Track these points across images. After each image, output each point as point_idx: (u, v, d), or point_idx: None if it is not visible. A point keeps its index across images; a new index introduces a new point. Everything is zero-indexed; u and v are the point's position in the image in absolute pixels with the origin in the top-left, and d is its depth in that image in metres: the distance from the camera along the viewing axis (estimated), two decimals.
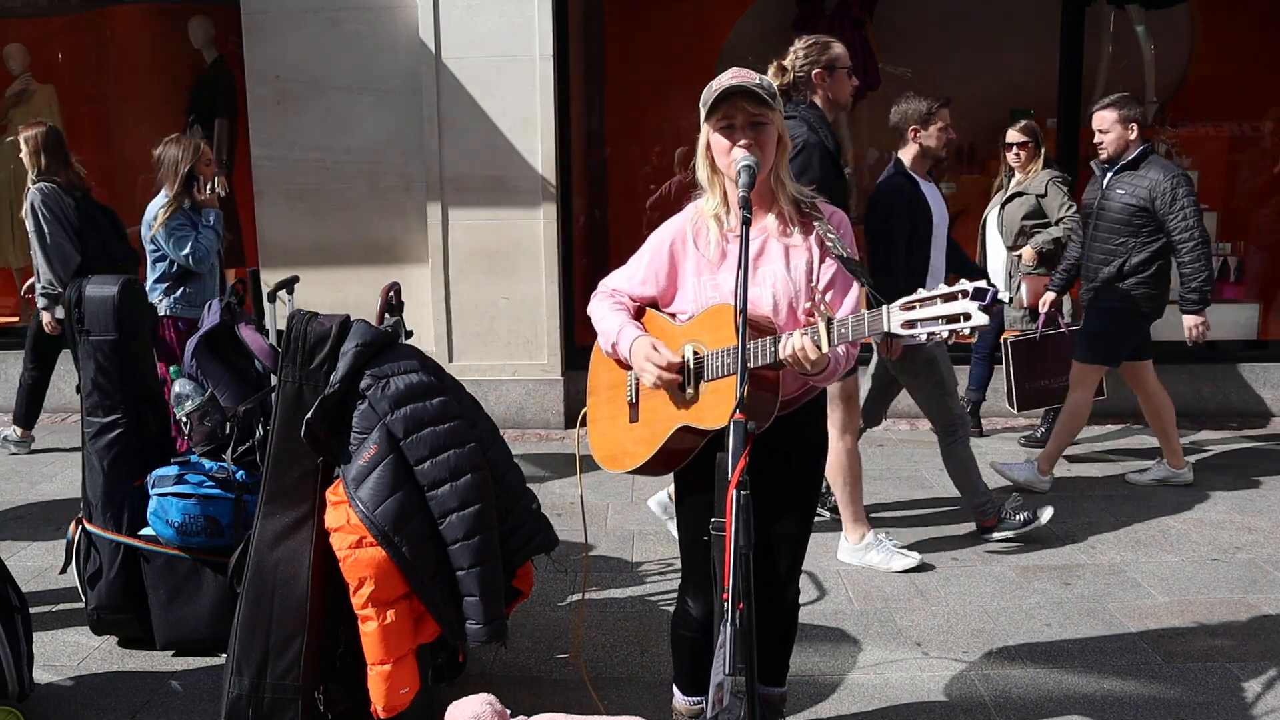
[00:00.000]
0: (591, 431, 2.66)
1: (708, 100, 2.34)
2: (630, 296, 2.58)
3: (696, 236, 2.48)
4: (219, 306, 3.49)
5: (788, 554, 2.60)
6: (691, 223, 2.50)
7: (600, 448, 2.64)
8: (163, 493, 3.29)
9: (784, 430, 2.41)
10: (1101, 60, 7.44)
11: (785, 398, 2.36)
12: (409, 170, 6.43)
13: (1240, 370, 6.53)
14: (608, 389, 2.61)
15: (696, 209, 2.51)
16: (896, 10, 7.64)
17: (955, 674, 3.34)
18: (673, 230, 2.52)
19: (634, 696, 3.20)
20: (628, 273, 2.59)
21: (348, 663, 2.93)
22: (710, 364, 2.35)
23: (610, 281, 2.63)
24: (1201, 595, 3.92)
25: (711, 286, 2.44)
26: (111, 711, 3.15)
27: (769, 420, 2.32)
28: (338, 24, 6.34)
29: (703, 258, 2.46)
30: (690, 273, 2.48)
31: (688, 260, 2.49)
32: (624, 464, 2.54)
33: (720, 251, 2.44)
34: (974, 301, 1.95)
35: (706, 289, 2.44)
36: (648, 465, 2.49)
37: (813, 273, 2.41)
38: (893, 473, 5.44)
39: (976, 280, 1.97)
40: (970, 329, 1.97)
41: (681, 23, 7.60)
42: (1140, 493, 5.06)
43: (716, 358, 2.33)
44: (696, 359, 2.39)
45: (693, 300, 2.47)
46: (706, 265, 2.45)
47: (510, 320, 6.31)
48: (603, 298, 2.60)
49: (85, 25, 7.61)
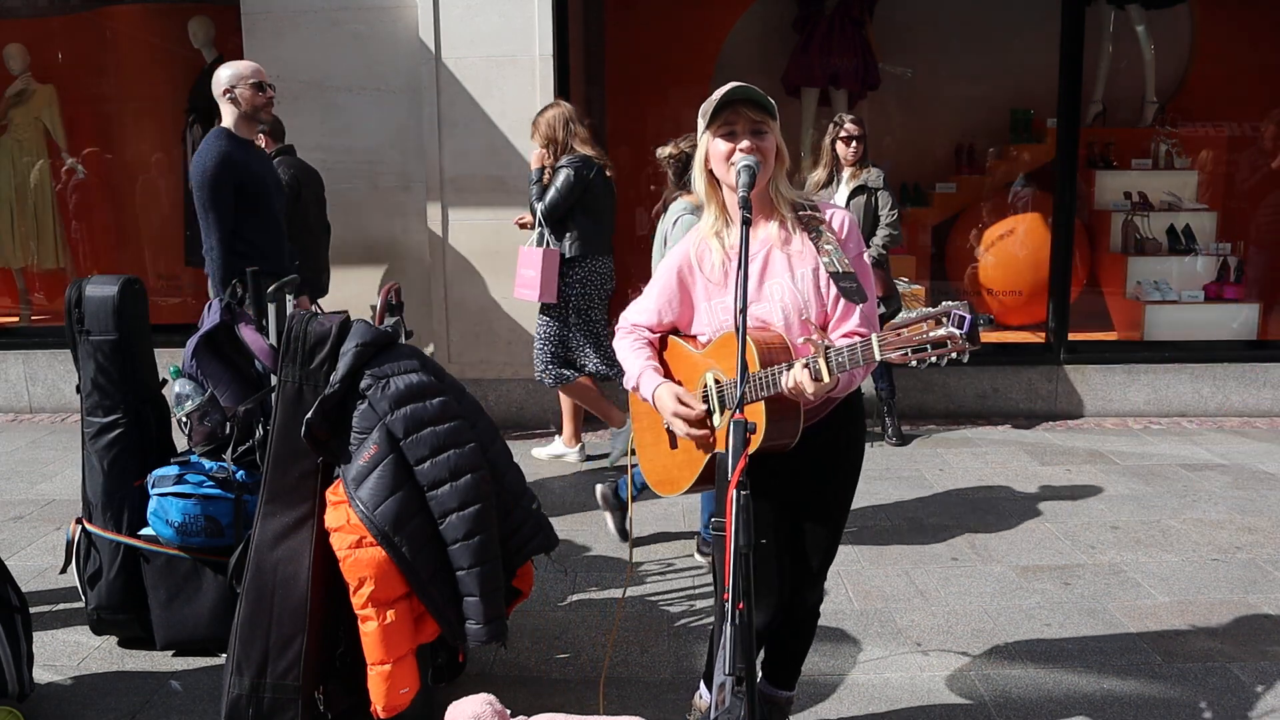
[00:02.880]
0: (641, 458, 2.74)
1: (708, 110, 2.34)
2: (650, 329, 2.60)
3: (700, 260, 2.49)
4: (219, 306, 3.49)
5: (818, 557, 2.60)
6: (695, 247, 2.50)
7: (651, 473, 2.71)
8: (163, 493, 3.29)
9: (816, 435, 2.42)
10: (1101, 60, 7.45)
11: (808, 408, 2.37)
12: (409, 170, 6.43)
13: (1240, 370, 6.53)
14: (647, 415, 2.66)
15: (697, 233, 2.52)
16: (896, 10, 7.65)
17: (955, 674, 3.34)
18: (678, 257, 2.53)
19: (634, 696, 3.20)
20: (643, 305, 2.61)
21: (348, 663, 2.93)
22: (730, 392, 2.38)
23: (629, 316, 2.65)
24: (1201, 595, 3.92)
25: (722, 310, 2.45)
26: (111, 711, 3.14)
27: (795, 438, 2.34)
28: (338, 24, 6.33)
29: (708, 281, 2.47)
30: (700, 297, 2.50)
31: (696, 285, 2.50)
32: (674, 489, 2.61)
33: (724, 272, 2.44)
34: (955, 327, 1.95)
35: (718, 312, 2.46)
36: (695, 487, 2.56)
37: (820, 280, 2.40)
38: (893, 473, 5.44)
39: (959, 304, 1.97)
40: (958, 354, 1.96)
41: (681, 23, 7.61)
42: (1140, 493, 5.06)
43: (733, 385, 2.34)
44: (719, 387, 2.42)
45: (707, 324, 2.49)
46: (714, 288, 2.47)
47: (510, 320, 6.31)
48: (624, 334, 2.63)
49: (85, 25, 7.61)
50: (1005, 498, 5.00)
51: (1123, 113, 7.58)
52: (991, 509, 4.81)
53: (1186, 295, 6.87)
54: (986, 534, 4.51)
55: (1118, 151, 7.31)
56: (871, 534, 4.54)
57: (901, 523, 4.69)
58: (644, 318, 2.60)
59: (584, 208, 5.17)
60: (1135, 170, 7.20)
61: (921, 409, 6.50)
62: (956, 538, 4.49)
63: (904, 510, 4.86)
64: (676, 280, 2.52)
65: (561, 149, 5.17)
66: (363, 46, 6.35)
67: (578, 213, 5.17)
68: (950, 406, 6.52)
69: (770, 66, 7.66)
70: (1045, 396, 6.51)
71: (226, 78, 4.22)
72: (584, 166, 5.12)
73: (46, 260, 7.51)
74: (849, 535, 4.53)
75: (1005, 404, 6.50)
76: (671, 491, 2.62)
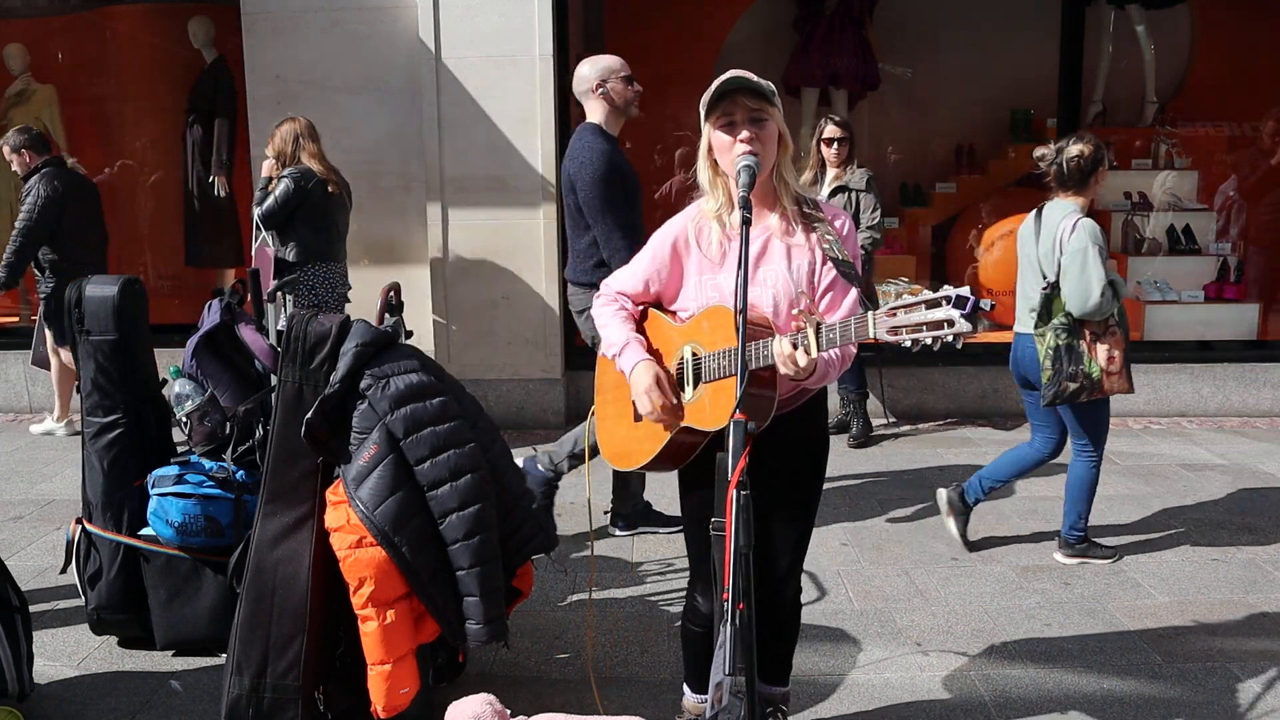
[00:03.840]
0: (600, 430, 2.68)
1: (707, 100, 2.35)
2: (633, 299, 2.58)
3: (699, 235, 2.48)
4: (219, 306, 3.49)
5: (789, 552, 2.60)
6: (693, 221, 2.50)
7: (608, 446, 2.66)
8: (163, 493, 3.29)
9: (784, 429, 2.42)
10: (1101, 60, 7.45)
11: (782, 397, 2.37)
12: (409, 170, 6.43)
13: (1240, 370, 6.53)
14: (613, 388, 2.62)
15: (698, 208, 2.51)
16: (896, 10, 7.65)
17: (955, 674, 3.34)
18: (675, 229, 2.52)
19: (634, 696, 3.20)
20: (630, 272, 2.59)
21: (348, 663, 2.93)
22: (709, 365, 2.36)
23: (613, 283, 2.63)
24: (1201, 595, 3.92)
25: (712, 287, 2.44)
26: (111, 711, 3.14)
27: (768, 419, 2.32)
28: (338, 24, 6.34)
29: (704, 257, 2.46)
30: (693, 271, 2.49)
31: (690, 259, 2.49)
32: (632, 462, 2.57)
33: (722, 251, 2.44)
34: (955, 309, 1.94)
35: (707, 289, 2.45)
36: (654, 463, 2.52)
37: (814, 274, 2.41)
38: (893, 473, 5.44)
39: (960, 287, 1.96)
40: (954, 336, 1.95)
41: (681, 23, 7.61)
42: (1140, 492, 5.06)
43: (714, 359, 2.34)
44: (695, 360, 2.40)
45: (694, 299, 2.47)
46: (708, 265, 2.46)
47: (510, 320, 6.31)
48: (606, 301, 2.61)
49: (85, 25, 7.62)
50: (1004, 497, 5.00)
51: (1123, 113, 7.58)
52: (991, 509, 4.81)
53: (1186, 295, 6.87)
54: (986, 534, 4.51)
55: (1118, 151, 7.30)
56: (871, 534, 4.54)
57: (901, 523, 4.69)
58: (629, 286, 2.58)
59: (303, 217, 5.44)
60: (1135, 170, 7.20)
61: (921, 409, 6.50)
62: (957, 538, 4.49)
63: (904, 510, 4.86)
64: (670, 251, 2.50)
65: (290, 160, 5.46)
66: (363, 46, 6.35)
67: (298, 222, 5.44)
68: (950, 406, 6.52)
69: (770, 66, 7.65)
70: None
71: (597, 73, 4.13)
72: (303, 179, 5.40)
73: None
74: (849, 535, 4.54)
75: (1005, 404, 6.49)
76: (627, 465, 2.59)
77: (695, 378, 2.40)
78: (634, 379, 2.44)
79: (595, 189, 3.99)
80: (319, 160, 5.47)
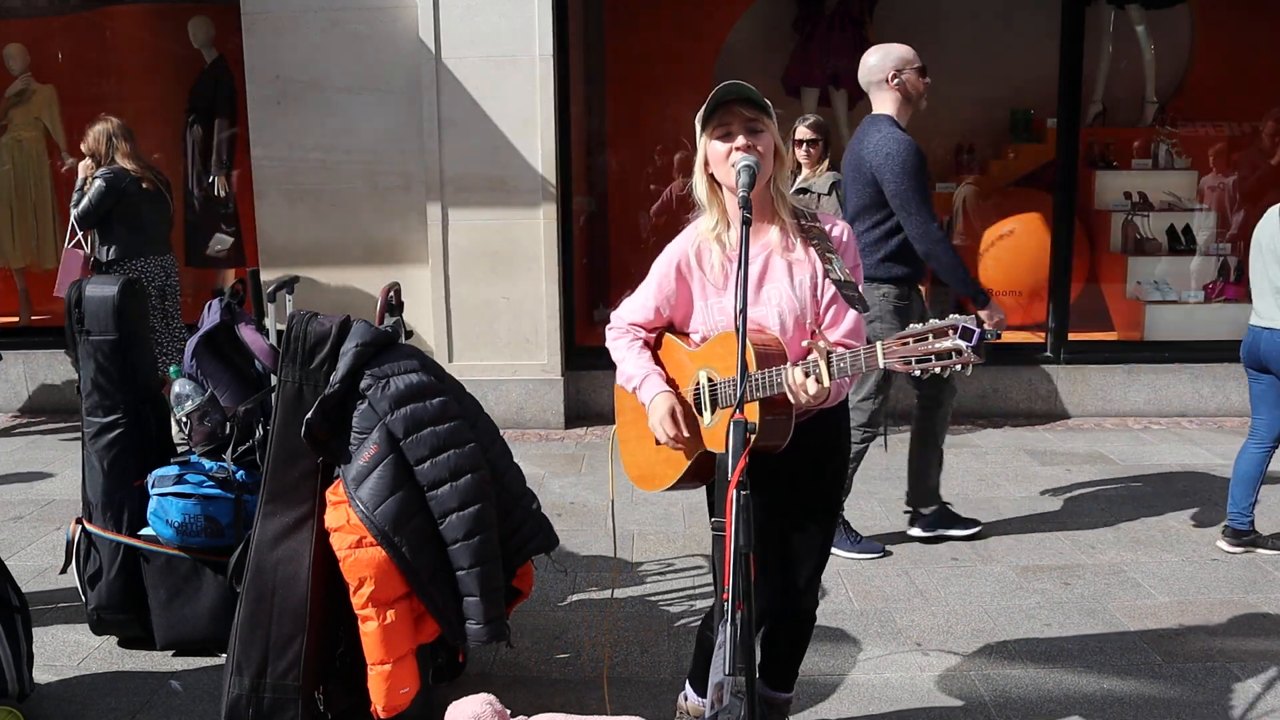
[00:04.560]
0: (623, 451, 2.72)
1: (703, 113, 2.34)
2: (645, 327, 2.58)
3: (699, 258, 2.47)
4: (219, 306, 3.49)
5: (809, 561, 2.59)
6: (693, 244, 2.49)
7: (632, 468, 2.69)
8: (163, 493, 3.29)
9: (805, 438, 2.42)
10: (1101, 60, 7.45)
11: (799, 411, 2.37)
12: (409, 170, 6.43)
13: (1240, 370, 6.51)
14: (632, 410, 2.63)
15: (695, 230, 2.50)
16: (896, 10, 7.65)
17: (955, 674, 3.34)
18: (676, 253, 2.51)
19: (634, 696, 3.20)
20: (640, 301, 2.58)
21: (348, 663, 2.93)
22: (724, 391, 2.38)
23: (624, 314, 2.62)
24: (1201, 595, 3.92)
25: (719, 310, 2.45)
26: (111, 711, 3.15)
27: (786, 440, 2.34)
28: (338, 24, 6.33)
29: (707, 280, 2.46)
30: (698, 295, 2.49)
31: (694, 283, 2.49)
32: (656, 485, 2.60)
33: (724, 274, 2.43)
34: (962, 340, 1.95)
35: (714, 313, 2.46)
36: (678, 485, 2.56)
37: (817, 288, 2.40)
38: (894, 473, 5.43)
39: (965, 319, 1.98)
40: (962, 365, 1.96)
41: (681, 23, 7.61)
42: (1140, 492, 5.06)
43: (730, 385, 2.35)
44: (711, 385, 2.42)
45: (703, 323, 2.49)
46: (712, 288, 2.46)
47: (510, 320, 6.31)
48: (620, 334, 2.60)
49: (85, 25, 7.62)
50: (1005, 498, 5.00)
51: (1123, 113, 7.58)
52: (991, 509, 4.81)
53: (1186, 295, 6.87)
54: (986, 534, 4.51)
55: (1118, 151, 7.31)
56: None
57: (902, 523, 4.69)
58: (640, 315, 2.57)
59: (120, 216, 5.62)
60: (1135, 170, 7.20)
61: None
62: (957, 538, 4.48)
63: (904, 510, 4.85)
64: (675, 276, 2.50)
65: (105, 160, 5.62)
66: (362, 46, 6.35)
67: (114, 221, 5.61)
68: None
69: (770, 66, 7.66)
70: (1045, 396, 6.51)
71: (892, 63, 4.03)
72: (116, 179, 5.57)
73: (47, 260, 7.50)
74: None
75: (1005, 404, 6.50)
76: (652, 488, 2.61)
77: (712, 403, 2.42)
78: (651, 410, 2.46)
79: (907, 180, 3.90)
80: (132, 159, 5.65)
